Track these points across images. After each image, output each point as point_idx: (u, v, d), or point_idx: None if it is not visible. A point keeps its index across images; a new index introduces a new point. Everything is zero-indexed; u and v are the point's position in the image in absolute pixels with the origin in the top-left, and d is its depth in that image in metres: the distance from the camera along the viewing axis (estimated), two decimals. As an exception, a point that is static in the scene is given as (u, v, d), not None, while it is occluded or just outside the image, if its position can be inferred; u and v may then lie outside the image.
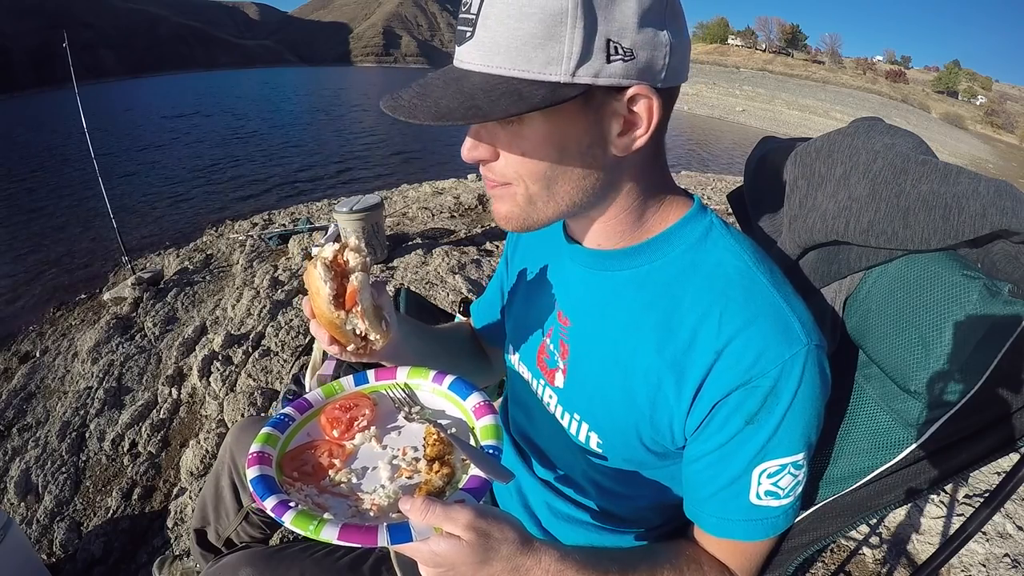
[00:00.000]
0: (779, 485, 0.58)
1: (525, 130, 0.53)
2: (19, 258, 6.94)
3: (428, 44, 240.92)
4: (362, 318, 0.63)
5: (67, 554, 1.79)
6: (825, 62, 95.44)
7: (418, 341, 0.81)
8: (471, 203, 5.76)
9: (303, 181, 12.82)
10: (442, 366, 0.75)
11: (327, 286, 0.61)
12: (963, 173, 0.59)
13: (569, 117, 0.53)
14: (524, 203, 0.59)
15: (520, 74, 0.49)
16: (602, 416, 0.67)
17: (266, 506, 0.52)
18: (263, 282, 3.69)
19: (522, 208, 0.59)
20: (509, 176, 0.57)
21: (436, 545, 0.48)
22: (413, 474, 0.60)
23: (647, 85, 0.51)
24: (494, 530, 0.50)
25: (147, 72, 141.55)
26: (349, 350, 0.66)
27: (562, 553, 0.54)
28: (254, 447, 0.61)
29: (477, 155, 0.57)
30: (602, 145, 0.55)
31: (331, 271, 0.62)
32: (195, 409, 2.49)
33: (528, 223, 0.61)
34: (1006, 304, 0.52)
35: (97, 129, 18.14)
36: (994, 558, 1.51)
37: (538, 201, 0.58)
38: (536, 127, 0.53)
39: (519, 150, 0.55)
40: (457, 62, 0.53)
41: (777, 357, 0.54)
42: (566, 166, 0.56)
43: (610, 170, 0.58)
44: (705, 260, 0.61)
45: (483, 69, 0.50)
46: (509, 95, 0.48)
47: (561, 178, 0.56)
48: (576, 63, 0.48)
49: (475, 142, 0.57)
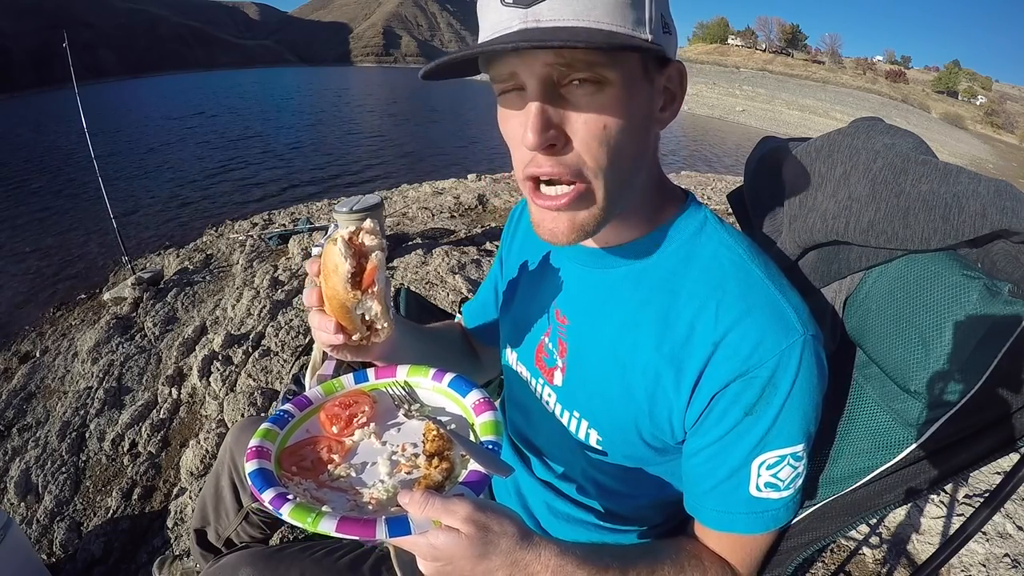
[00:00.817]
0: (779, 477, 0.58)
1: (605, 97, 0.51)
2: (19, 258, 6.94)
3: (428, 44, 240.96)
4: (378, 299, 0.62)
5: (67, 554, 1.79)
6: (825, 62, 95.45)
7: (412, 340, 0.81)
8: (471, 203, 5.76)
9: (303, 181, 12.84)
10: (434, 365, 0.75)
11: (347, 263, 0.60)
12: (963, 173, 0.59)
13: (638, 85, 0.53)
14: (603, 197, 0.55)
15: (619, 29, 0.49)
16: (601, 413, 0.67)
17: (264, 499, 0.51)
18: (263, 282, 3.69)
19: (601, 205, 0.56)
20: (584, 160, 0.53)
21: (435, 538, 0.48)
22: (412, 469, 0.60)
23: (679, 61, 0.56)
24: (493, 524, 0.50)
25: (147, 72, 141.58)
26: (355, 339, 0.65)
27: (562, 548, 0.54)
28: (253, 441, 0.61)
29: (551, 137, 0.51)
30: (651, 121, 0.57)
31: (351, 248, 0.61)
32: (195, 409, 2.49)
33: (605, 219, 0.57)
34: (1006, 304, 0.52)
35: (97, 129, 18.20)
36: (994, 558, 1.51)
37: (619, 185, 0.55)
38: (615, 93, 0.51)
39: (598, 125, 0.52)
40: (532, 22, 0.49)
41: (774, 347, 0.54)
42: (635, 142, 0.55)
43: (652, 152, 0.60)
44: (700, 254, 0.62)
45: (578, 23, 0.48)
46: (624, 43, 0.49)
47: (631, 157, 0.55)
48: (654, 27, 0.51)
49: (546, 123, 0.51)
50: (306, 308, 0.66)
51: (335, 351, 0.69)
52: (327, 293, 0.63)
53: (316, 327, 0.65)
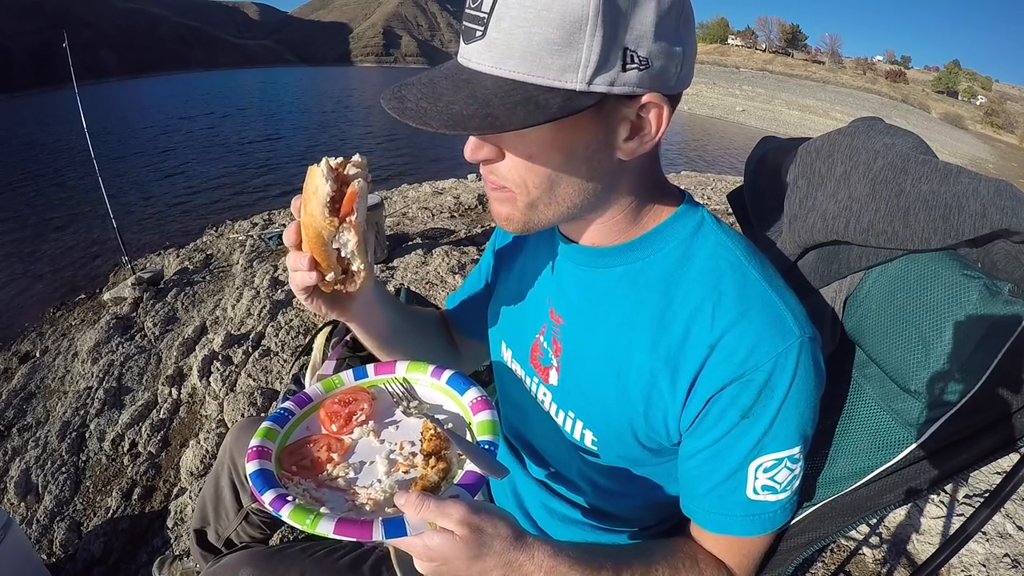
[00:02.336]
0: (776, 479, 0.58)
1: (532, 134, 0.52)
2: (19, 258, 6.94)
3: (428, 44, 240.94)
4: (355, 230, 0.60)
5: (67, 554, 1.79)
6: (825, 62, 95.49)
7: (391, 308, 0.80)
8: (471, 203, 5.76)
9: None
10: (410, 344, 0.76)
11: (327, 185, 0.58)
12: (963, 173, 0.59)
13: (579, 124, 0.51)
14: (525, 207, 0.58)
15: (535, 80, 0.47)
16: (596, 413, 0.67)
17: (264, 500, 0.52)
18: (263, 282, 3.68)
19: (523, 212, 0.58)
20: (512, 180, 0.56)
21: (430, 540, 0.49)
22: (410, 469, 0.60)
23: (658, 93, 0.51)
24: (487, 525, 0.50)
25: (147, 72, 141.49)
26: (328, 279, 0.62)
27: (555, 549, 0.54)
28: (254, 441, 0.61)
29: (481, 156, 0.56)
30: (608, 150, 0.55)
31: (333, 173, 0.59)
32: (195, 409, 2.49)
33: (528, 226, 0.60)
34: (1006, 304, 0.52)
35: (97, 129, 18.18)
36: (994, 558, 1.51)
37: (539, 204, 0.57)
38: (544, 132, 0.52)
39: (525, 154, 0.54)
40: (463, 60, 0.52)
41: (770, 350, 0.54)
42: (570, 171, 0.55)
43: (613, 173, 0.57)
44: (697, 255, 0.61)
45: (494, 71, 0.49)
46: (525, 104, 0.47)
47: (564, 182, 0.56)
48: (593, 71, 0.47)
49: (480, 143, 0.55)
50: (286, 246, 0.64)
51: (308, 298, 0.66)
52: (305, 221, 0.60)
53: (291, 266, 0.63)
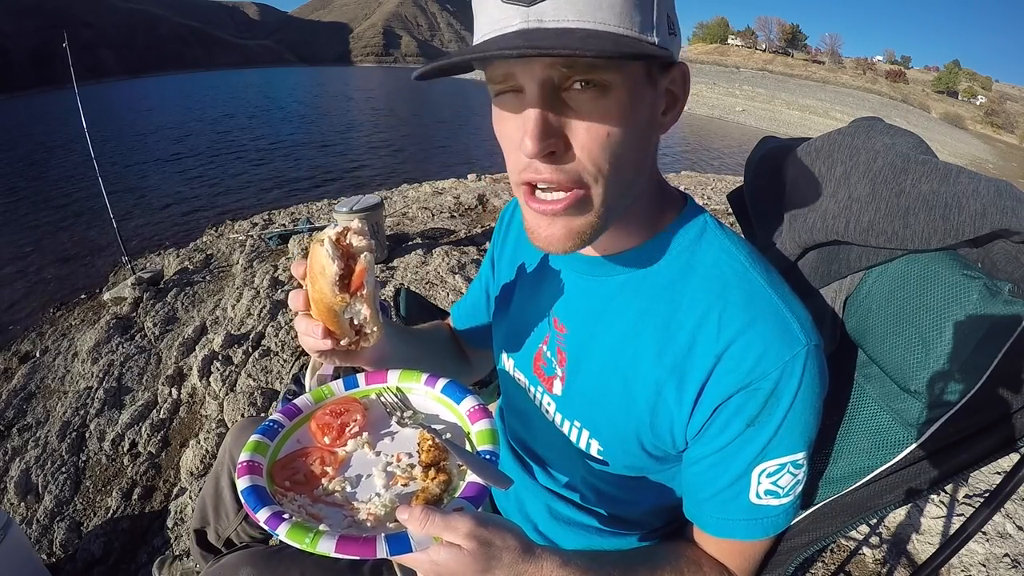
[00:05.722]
0: (779, 484, 0.58)
1: (608, 102, 0.49)
2: (19, 258, 6.93)
3: (428, 44, 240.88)
4: (367, 303, 0.60)
5: (67, 554, 1.79)
6: (825, 62, 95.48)
7: (400, 343, 0.79)
8: (471, 203, 5.76)
9: (303, 181, 12.82)
10: (424, 367, 0.72)
11: (335, 265, 0.57)
12: (963, 173, 0.59)
13: (642, 89, 0.51)
14: (599, 205, 0.53)
15: (626, 32, 0.46)
16: (602, 423, 0.66)
17: (259, 519, 0.49)
18: (263, 282, 3.68)
19: (596, 212, 0.53)
20: (586, 167, 0.50)
21: (436, 555, 0.47)
22: (409, 481, 0.57)
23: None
24: (495, 538, 0.49)
25: (147, 72, 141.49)
26: (343, 343, 0.62)
27: (564, 559, 0.54)
28: (243, 456, 0.58)
29: (550, 145, 0.49)
30: (654, 126, 0.55)
31: (338, 250, 0.59)
32: (195, 409, 2.49)
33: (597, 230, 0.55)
34: (1006, 304, 0.52)
35: (97, 129, 18.18)
36: (994, 558, 1.51)
37: (613, 194, 0.53)
38: (619, 98, 0.49)
39: (603, 128, 0.49)
40: (535, 22, 0.46)
41: (777, 359, 0.54)
42: (636, 148, 0.53)
43: (651, 157, 0.59)
44: (701, 262, 0.60)
45: (581, 24, 0.45)
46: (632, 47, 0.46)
47: (633, 160, 0.53)
48: (664, 31, 0.49)
49: (547, 129, 0.48)
50: (291, 312, 0.64)
51: (323, 357, 0.67)
52: (314, 296, 0.60)
53: (303, 332, 0.63)
